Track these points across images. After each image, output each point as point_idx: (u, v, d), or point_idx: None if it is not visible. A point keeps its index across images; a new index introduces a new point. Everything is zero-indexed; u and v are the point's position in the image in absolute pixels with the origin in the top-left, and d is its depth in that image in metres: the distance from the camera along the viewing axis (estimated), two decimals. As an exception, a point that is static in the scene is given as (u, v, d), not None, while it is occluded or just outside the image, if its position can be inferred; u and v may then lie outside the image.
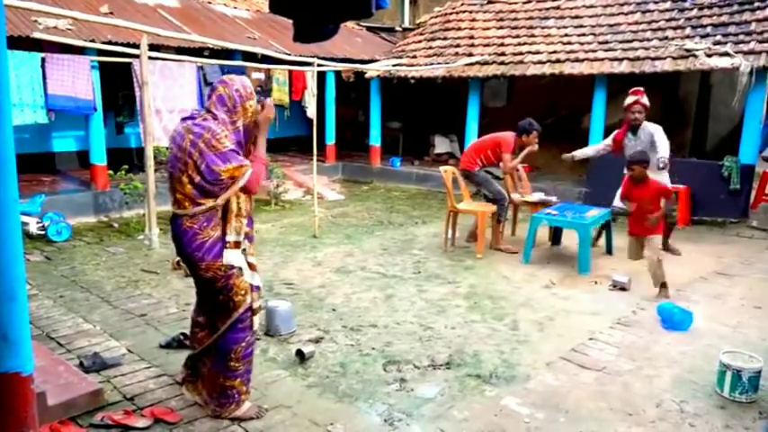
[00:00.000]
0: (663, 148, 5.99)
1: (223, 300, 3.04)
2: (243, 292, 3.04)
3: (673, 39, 8.53)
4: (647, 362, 3.90)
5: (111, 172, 7.53)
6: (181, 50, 8.46)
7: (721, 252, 6.55)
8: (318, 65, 7.69)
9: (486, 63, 9.78)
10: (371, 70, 10.70)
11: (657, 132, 6.13)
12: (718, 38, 8.13)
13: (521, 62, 9.43)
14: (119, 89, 9.04)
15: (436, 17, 12.07)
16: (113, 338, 4.16)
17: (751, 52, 7.62)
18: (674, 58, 8.06)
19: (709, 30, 8.43)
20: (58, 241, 6.66)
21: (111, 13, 8.28)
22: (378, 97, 11.32)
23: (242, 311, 3.05)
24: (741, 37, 7.99)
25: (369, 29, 13.58)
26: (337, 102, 11.56)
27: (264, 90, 10.22)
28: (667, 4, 9.48)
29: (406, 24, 14.89)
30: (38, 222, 6.73)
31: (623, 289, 5.22)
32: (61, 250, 6.45)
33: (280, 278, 5.57)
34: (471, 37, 10.78)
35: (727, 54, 7.72)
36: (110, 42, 7.37)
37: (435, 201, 9.48)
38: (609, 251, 6.47)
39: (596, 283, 5.47)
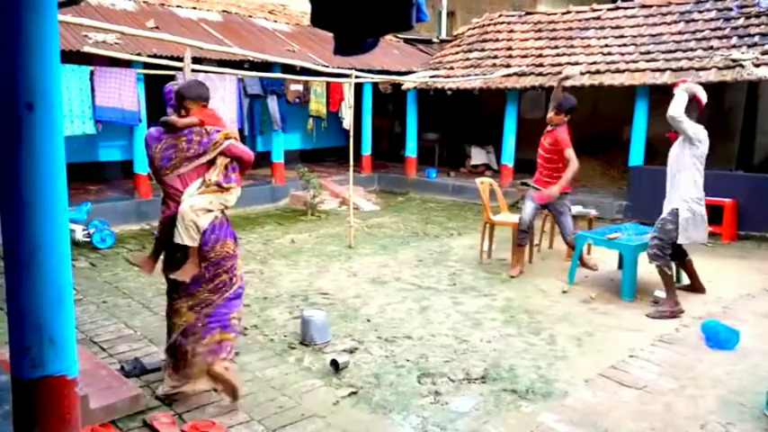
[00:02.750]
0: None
1: (226, 278, 3.42)
2: (240, 268, 3.54)
3: (718, 48, 8.31)
4: (690, 381, 3.78)
5: (153, 181, 7.72)
6: (222, 63, 8.66)
7: (770, 269, 6.31)
8: (356, 77, 7.75)
9: (523, 74, 9.70)
10: (408, 82, 10.73)
11: None
12: (767, 47, 7.88)
13: (559, 73, 9.29)
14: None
15: (473, 29, 12.05)
16: (153, 344, 4.23)
17: (801, 62, 7.36)
18: (719, 69, 7.84)
19: (756, 39, 8.18)
20: (102, 248, 6.85)
21: (157, 27, 8.54)
22: (414, 108, 11.34)
23: (241, 283, 3.53)
24: (791, 46, 7.74)
25: (406, 41, 13.64)
26: (374, 113, 11.62)
27: (303, 101, 10.38)
28: (713, 14, 9.25)
29: (444, 36, 14.92)
30: (84, 230, 6.94)
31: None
32: (105, 257, 6.63)
33: (315, 288, 5.61)
34: (509, 48, 10.72)
35: (776, 64, 7.48)
36: (155, 56, 7.59)
37: (471, 213, 9.41)
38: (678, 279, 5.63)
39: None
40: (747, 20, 8.70)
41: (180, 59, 6.84)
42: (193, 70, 6.94)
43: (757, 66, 7.59)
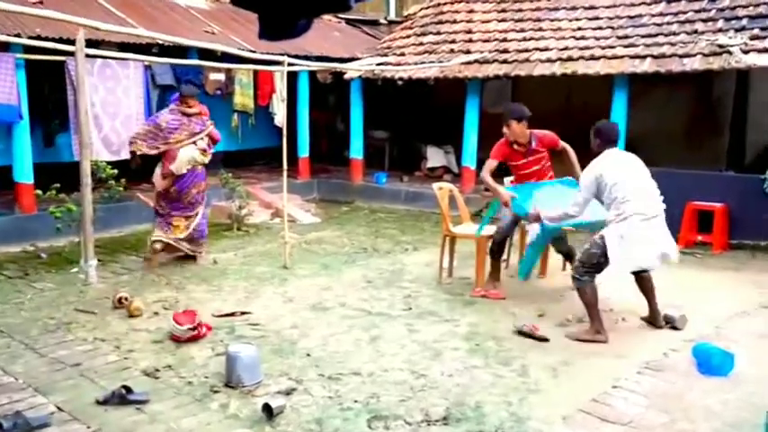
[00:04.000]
0: None
1: (200, 198, 7.17)
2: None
3: (703, 33, 8.70)
4: (681, 414, 3.90)
5: (38, 192, 7.47)
6: (125, 47, 8.48)
7: (766, 282, 6.60)
8: (289, 64, 7.74)
9: (486, 62, 9.90)
10: (352, 70, 10.78)
11: None
12: (756, 31, 8.30)
13: (526, 60, 9.56)
14: (49, 93, 9.01)
15: (427, 8, 12.24)
16: (40, 393, 4.08)
17: (794, 48, 7.79)
18: (705, 55, 8.22)
19: (744, 22, 8.62)
20: (-27, 276, 6.57)
21: (41, 2, 8.29)
22: (359, 102, 11.40)
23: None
24: (782, 30, 8.18)
25: (348, 22, 13.73)
26: (312, 107, 11.61)
27: (225, 93, 10.27)
28: (696, -7, 9.70)
29: (393, 17, 15.11)
30: (-51, 253, 6.64)
31: (674, 327, 5.23)
32: (-23, 286, 6.36)
33: (243, 318, 5.53)
34: (469, 31, 10.93)
35: (766, 50, 7.89)
36: (39, 37, 7.37)
37: (428, 224, 9.50)
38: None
39: (623, 320, 5.49)
40: (734, 0, 9.15)
41: (71, 42, 6.66)
42: (89, 56, 6.80)
43: (746, 52, 7.99)
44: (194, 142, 6.81)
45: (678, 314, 5.29)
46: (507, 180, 6.71)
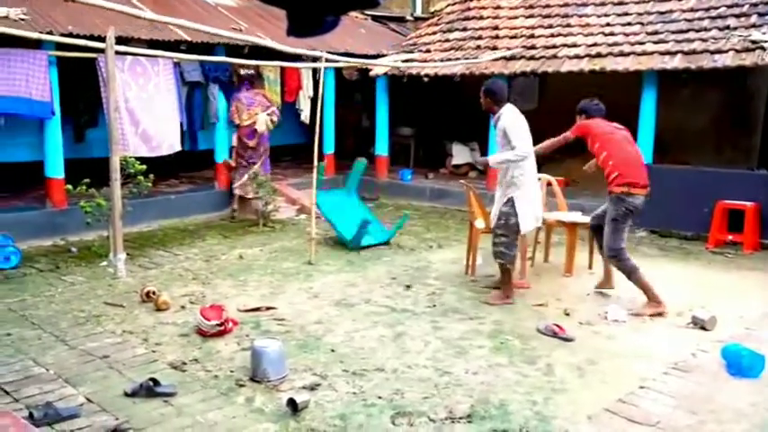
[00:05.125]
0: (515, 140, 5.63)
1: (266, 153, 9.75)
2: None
3: (736, 28, 8.56)
4: (710, 415, 3.85)
5: (69, 187, 7.58)
6: (154, 44, 8.56)
7: (798, 282, 6.49)
8: (327, 60, 7.72)
9: (513, 58, 9.84)
10: (378, 67, 10.78)
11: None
12: (790, 27, 8.16)
13: (554, 57, 9.48)
14: (80, 89, 9.15)
15: (454, 4, 12.18)
16: (69, 385, 4.14)
17: (829, 44, 7.62)
18: (737, 51, 8.08)
19: (778, 17, 8.46)
20: (5, 269, 6.69)
21: (74, 0, 8.40)
22: (385, 99, 11.39)
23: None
24: (817, 26, 8.01)
25: (375, 18, 13.71)
26: (337, 104, 11.63)
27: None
28: (728, -12, 9.54)
29: (419, 13, 15.04)
30: (-18, 246, 6.78)
31: (704, 328, 5.16)
32: (9, 279, 6.47)
33: (268, 313, 5.57)
34: (495, 27, 10.87)
35: (800, 46, 7.74)
36: (70, 35, 7.47)
37: (453, 221, 9.48)
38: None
39: (651, 318, 5.42)
40: (768, -5, 8.98)
41: (102, 39, 6.75)
42: (119, 53, 6.88)
43: (780, 48, 7.84)
44: (267, 113, 9.26)
45: (708, 315, 5.22)
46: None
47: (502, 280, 5.91)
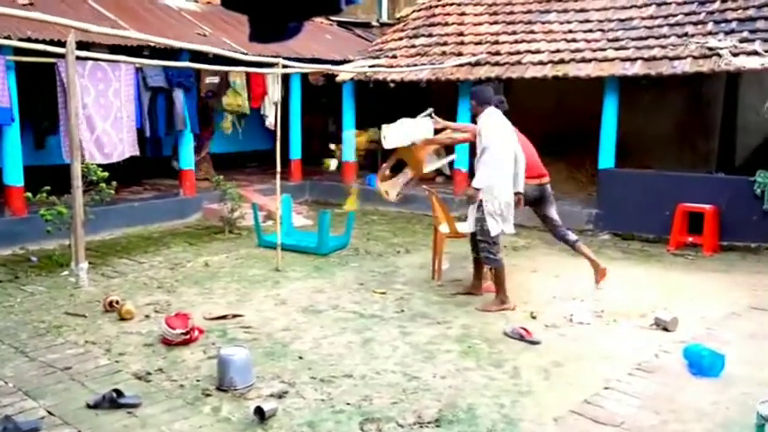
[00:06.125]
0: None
1: None
2: None
3: (693, 35, 8.76)
4: (673, 415, 3.92)
5: (29, 194, 7.42)
6: (116, 49, 8.44)
7: (756, 283, 6.65)
8: (284, 66, 7.72)
9: (478, 64, 9.92)
10: (344, 72, 10.77)
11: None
12: (745, 34, 8.37)
13: (518, 63, 9.58)
14: (39, 95, 8.96)
15: (419, 10, 12.25)
16: (30, 398, 4.06)
17: (783, 51, 7.84)
18: (695, 58, 8.26)
19: (734, 25, 8.68)
20: (-38, 279, 6.52)
21: (32, 3, 8.25)
22: (351, 104, 11.39)
23: None
24: (771, 33, 8.23)
25: (340, 24, 13.72)
26: (303, 110, 11.60)
27: (217, 96, 10.26)
28: (686, -4, 9.76)
29: (385, 19, 15.10)
30: (-62, 256, 6.60)
31: (666, 329, 5.25)
32: (-33, 290, 6.31)
33: (235, 320, 5.51)
34: (461, 34, 10.95)
35: (755, 53, 7.94)
36: (29, 39, 7.33)
37: (421, 225, 9.51)
38: None
39: (614, 321, 5.50)
40: (723, 3, 9.21)
41: (62, 44, 6.62)
42: (79, 58, 6.76)
43: (735, 55, 8.05)
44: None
45: (670, 316, 5.32)
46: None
47: (495, 283, 5.91)
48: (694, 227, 7.99)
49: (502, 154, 5.72)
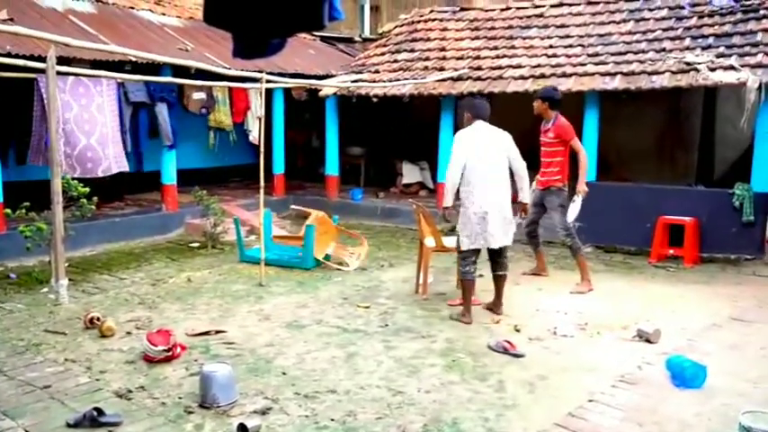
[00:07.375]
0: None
1: None
2: None
3: (671, 51, 8.90)
4: (655, 426, 3.94)
5: (8, 210, 7.34)
6: (97, 64, 8.41)
7: (736, 294, 6.72)
8: (267, 81, 7.74)
9: (460, 79, 10.00)
10: (327, 87, 10.81)
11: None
12: (722, 50, 8.52)
13: (500, 77, 9.67)
14: (20, 110, 8.88)
15: (402, 26, 12.35)
16: (8, 417, 3.99)
17: (758, 65, 7.98)
18: (673, 73, 8.39)
19: (711, 41, 8.84)
20: (-61, 297, 6.42)
21: (12, 19, 8.20)
22: (334, 119, 11.42)
23: None
24: (747, 49, 8.39)
25: (323, 39, 13.78)
26: (287, 124, 11.61)
27: (210, 112, 10.28)
28: (664, 12, 9.92)
29: (367, 34, 15.19)
30: None
31: (649, 341, 5.29)
32: (-57, 308, 6.21)
33: (218, 336, 5.47)
34: (443, 49, 11.04)
35: (732, 68, 8.08)
36: (8, 54, 7.28)
37: (404, 239, 9.52)
38: None
39: (598, 333, 5.53)
40: (700, 19, 9.38)
41: (42, 59, 6.59)
42: (60, 73, 6.73)
43: (713, 70, 8.18)
44: None
45: (652, 328, 5.35)
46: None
47: (462, 295, 6.02)
48: (675, 239, 8.07)
49: (469, 167, 5.76)
